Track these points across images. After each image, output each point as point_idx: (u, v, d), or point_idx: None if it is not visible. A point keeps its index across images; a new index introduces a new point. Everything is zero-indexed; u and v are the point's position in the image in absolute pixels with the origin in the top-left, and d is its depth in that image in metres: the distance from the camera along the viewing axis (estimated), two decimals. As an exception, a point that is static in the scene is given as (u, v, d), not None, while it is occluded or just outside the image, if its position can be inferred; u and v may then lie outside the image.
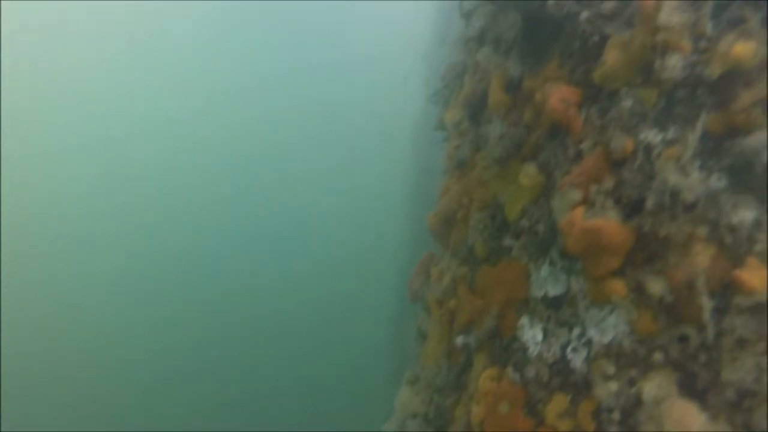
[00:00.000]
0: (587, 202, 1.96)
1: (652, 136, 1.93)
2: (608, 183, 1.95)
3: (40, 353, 11.28)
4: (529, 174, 2.17)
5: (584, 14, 2.12)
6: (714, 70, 1.74)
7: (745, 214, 1.74)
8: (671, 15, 1.78)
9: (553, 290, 2.13)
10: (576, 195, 1.97)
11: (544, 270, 2.18)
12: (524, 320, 2.23)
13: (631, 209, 1.93)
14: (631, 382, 1.84)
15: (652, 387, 1.78)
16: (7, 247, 11.45)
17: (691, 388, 1.75)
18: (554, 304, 2.14)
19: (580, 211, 1.92)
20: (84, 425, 10.42)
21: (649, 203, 1.74)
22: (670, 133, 1.91)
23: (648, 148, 1.93)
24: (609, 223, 1.82)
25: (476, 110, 2.88)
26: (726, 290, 1.74)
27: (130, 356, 11.74)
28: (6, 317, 10.92)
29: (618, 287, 1.84)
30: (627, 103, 2.02)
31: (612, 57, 2.04)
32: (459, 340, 2.61)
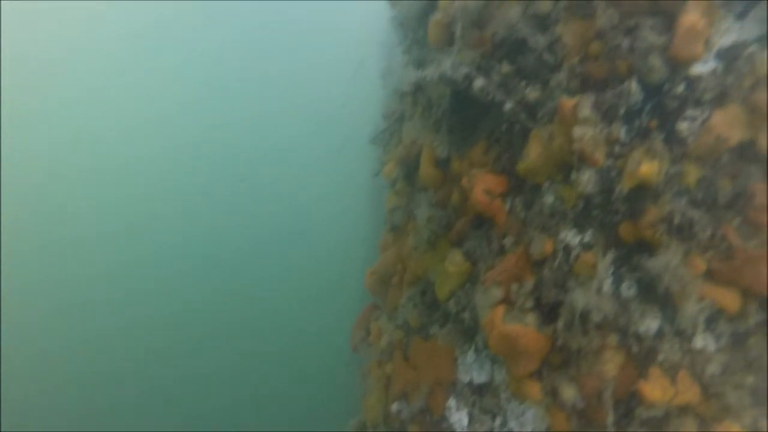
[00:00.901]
0: (508, 301, 2.00)
1: (570, 237, 1.97)
2: (529, 283, 1.99)
3: (40, 353, 11.25)
4: (455, 262, 2.18)
5: (508, 105, 2.11)
6: (624, 186, 1.78)
7: (651, 324, 1.82)
8: (584, 129, 1.79)
9: (478, 377, 2.18)
10: (497, 293, 2.00)
11: (470, 356, 2.22)
12: (451, 402, 2.28)
13: (550, 309, 1.98)
14: (546, 480, 1.93)
15: (564, 487, 1.86)
16: (6, 246, 11.19)
17: (598, 489, 1.85)
18: (479, 390, 2.20)
19: (500, 312, 1.95)
20: (84, 425, 10.50)
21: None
22: (588, 236, 1.95)
23: (567, 249, 1.97)
24: (526, 330, 1.86)
25: (411, 171, 2.85)
26: (632, 397, 1.83)
27: (129, 357, 11.77)
28: (6, 317, 10.79)
29: (534, 391, 1.90)
30: (548, 199, 2.05)
31: (534, 152, 2.05)
32: (394, 407, 2.65)
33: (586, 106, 1.86)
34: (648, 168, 1.73)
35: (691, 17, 1.72)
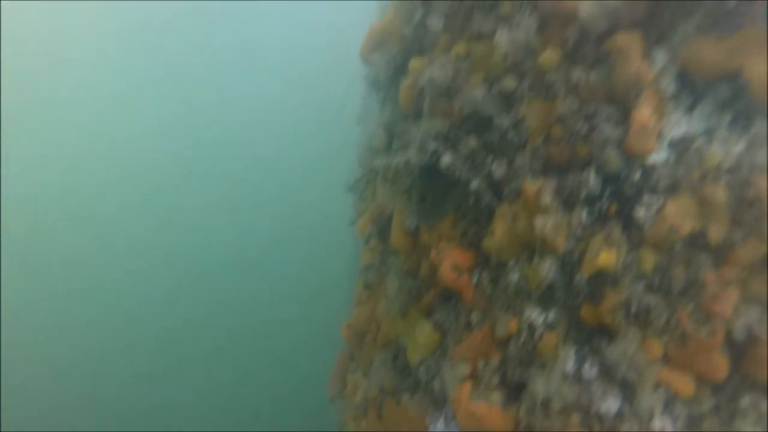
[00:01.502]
0: (475, 377, 2.05)
1: (535, 315, 2.03)
2: (495, 360, 2.04)
3: (40, 355, 11.15)
4: (424, 333, 2.22)
5: (474, 183, 2.17)
6: (584, 274, 1.85)
7: (612, 404, 1.88)
8: (546, 218, 1.86)
9: (449, 447, 2.22)
10: (464, 369, 2.05)
11: (440, 425, 2.26)
12: (424, 469, 2.31)
13: (515, 387, 2.03)
14: None
15: None
16: (6, 247, 11.02)
17: None
18: (450, 460, 2.24)
19: (467, 390, 1.99)
20: (84, 426, 10.41)
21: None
22: (551, 315, 2.01)
23: (531, 328, 2.03)
24: (491, 410, 1.91)
25: (384, 229, 2.89)
26: (594, 477, 1.89)
27: (128, 358, 11.66)
28: (6, 317, 10.65)
29: (501, 468, 1.95)
30: (514, 277, 2.10)
31: (500, 230, 2.11)
32: (369, 466, 2.67)
33: (547, 192, 1.93)
34: (606, 257, 1.80)
35: (644, 113, 1.79)
